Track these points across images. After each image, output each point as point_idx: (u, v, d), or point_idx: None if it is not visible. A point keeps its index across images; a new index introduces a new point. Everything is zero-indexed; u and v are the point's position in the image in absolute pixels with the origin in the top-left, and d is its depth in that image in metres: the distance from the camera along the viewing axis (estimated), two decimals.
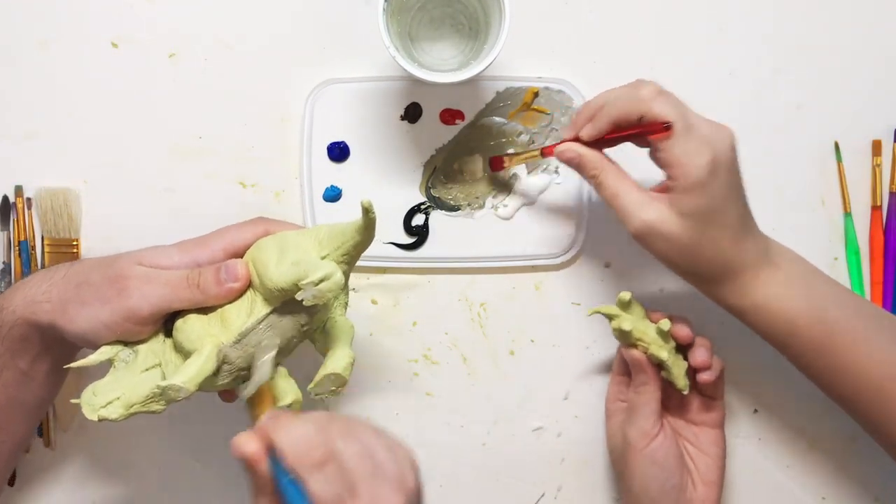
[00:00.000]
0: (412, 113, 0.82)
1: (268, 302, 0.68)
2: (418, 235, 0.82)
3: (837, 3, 0.84)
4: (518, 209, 0.82)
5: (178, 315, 0.70)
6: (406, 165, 0.82)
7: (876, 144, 0.84)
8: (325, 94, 0.82)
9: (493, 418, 0.83)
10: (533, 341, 0.84)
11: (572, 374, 0.84)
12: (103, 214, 0.82)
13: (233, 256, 0.70)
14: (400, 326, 0.83)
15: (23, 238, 0.81)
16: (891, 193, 0.83)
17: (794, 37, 0.84)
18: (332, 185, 0.82)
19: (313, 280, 0.64)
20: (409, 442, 0.61)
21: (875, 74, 0.84)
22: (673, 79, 0.83)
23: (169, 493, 0.83)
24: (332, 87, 0.82)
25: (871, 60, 0.84)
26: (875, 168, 0.83)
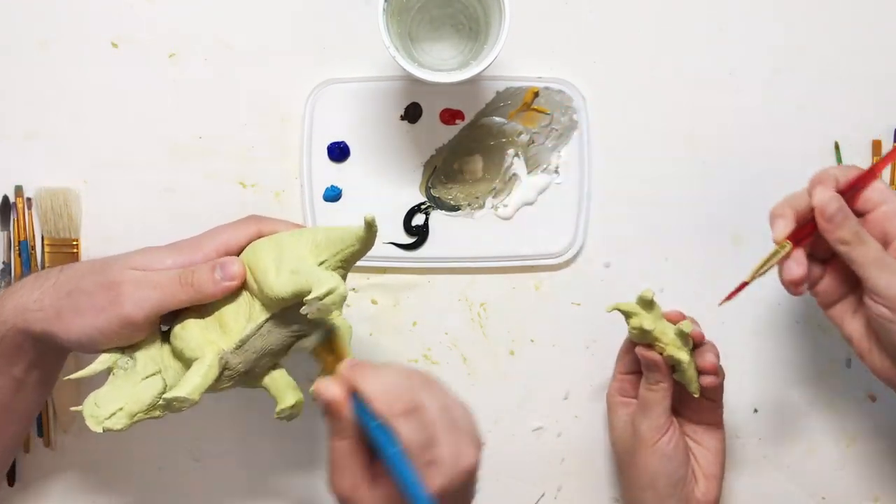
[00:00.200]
0: (412, 113, 0.82)
1: (266, 308, 0.68)
2: (418, 235, 0.82)
3: (837, 4, 0.84)
4: (518, 209, 0.82)
5: (174, 317, 0.70)
6: (406, 165, 0.82)
7: (876, 144, 0.84)
8: (325, 94, 0.82)
9: (493, 418, 0.83)
10: (533, 341, 0.84)
11: (572, 374, 0.83)
12: (103, 214, 0.82)
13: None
14: (400, 326, 0.83)
15: (23, 238, 0.81)
16: None
17: (794, 37, 0.83)
18: (332, 185, 0.82)
19: (318, 295, 0.64)
20: None
21: (875, 74, 0.84)
22: (673, 79, 0.83)
23: (169, 493, 0.83)
24: (332, 87, 0.82)
25: (871, 60, 0.84)
26: None
